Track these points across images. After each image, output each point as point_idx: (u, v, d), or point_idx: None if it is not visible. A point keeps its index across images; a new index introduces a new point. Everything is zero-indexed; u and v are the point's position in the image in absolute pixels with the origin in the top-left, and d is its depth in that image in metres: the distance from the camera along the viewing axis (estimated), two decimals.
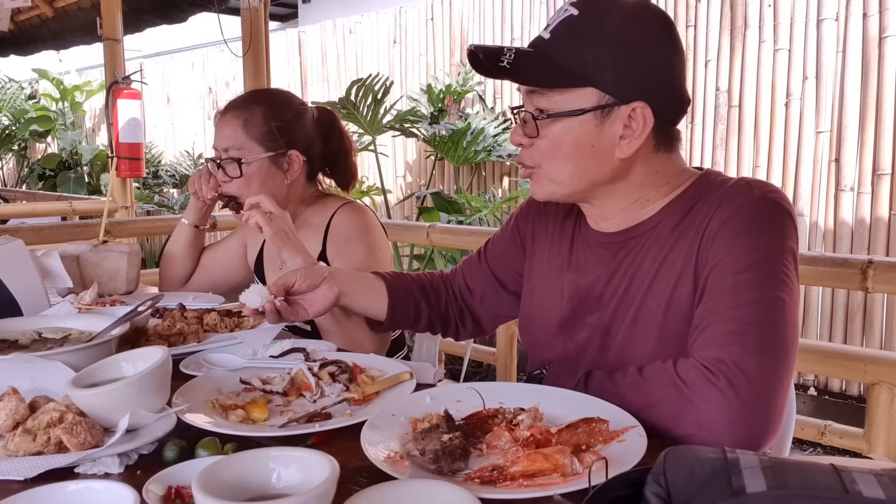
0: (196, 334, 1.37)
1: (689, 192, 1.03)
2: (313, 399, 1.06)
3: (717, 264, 0.95)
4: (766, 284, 0.92)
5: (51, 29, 5.36)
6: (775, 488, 0.57)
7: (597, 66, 0.97)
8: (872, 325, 3.52)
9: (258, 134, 1.59)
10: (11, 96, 9.16)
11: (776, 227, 0.96)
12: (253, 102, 1.64)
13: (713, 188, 1.01)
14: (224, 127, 1.61)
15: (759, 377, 0.87)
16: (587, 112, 0.98)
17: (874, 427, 1.92)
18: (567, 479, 0.75)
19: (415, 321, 1.33)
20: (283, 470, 0.70)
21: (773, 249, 0.94)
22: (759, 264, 0.93)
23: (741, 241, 0.94)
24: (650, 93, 0.98)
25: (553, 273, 1.16)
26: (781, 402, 0.89)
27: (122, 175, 3.95)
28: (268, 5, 3.64)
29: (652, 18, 1.01)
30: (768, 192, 0.99)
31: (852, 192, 3.58)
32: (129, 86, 3.93)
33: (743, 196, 0.98)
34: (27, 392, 0.96)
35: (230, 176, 1.60)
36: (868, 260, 1.93)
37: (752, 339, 0.89)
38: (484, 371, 3.82)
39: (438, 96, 5.25)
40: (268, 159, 1.60)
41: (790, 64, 3.74)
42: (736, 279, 0.93)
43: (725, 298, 0.93)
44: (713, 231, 0.97)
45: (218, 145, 1.62)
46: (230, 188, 1.61)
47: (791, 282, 0.94)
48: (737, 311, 0.91)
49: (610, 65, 0.97)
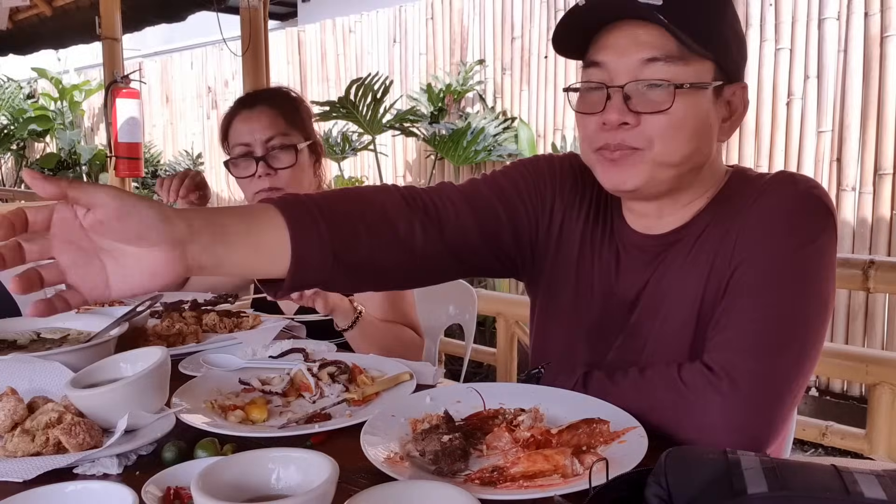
0: (195, 335, 1.36)
1: (725, 191, 0.99)
2: (313, 400, 1.05)
3: (744, 260, 0.90)
4: (793, 287, 0.88)
5: (49, 28, 5.36)
6: (777, 489, 0.56)
7: (720, 40, 0.91)
8: (874, 325, 3.52)
9: (299, 122, 1.60)
10: (10, 96, 9.17)
11: (815, 226, 0.90)
12: (278, 95, 1.64)
13: (748, 182, 0.97)
14: (260, 118, 1.56)
15: (764, 379, 0.85)
16: (709, 86, 0.91)
17: (876, 428, 1.92)
18: (567, 480, 0.75)
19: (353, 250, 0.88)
20: (283, 471, 0.70)
21: (806, 251, 0.89)
22: (790, 265, 0.88)
23: (775, 238, 0.89)
24: (741, 76, 0.95)
25: (583, 267, 1.05)
26: (787, 406, 0.87)
27: (121, 174, 3.95)
28: (267, 4, 3.65)
29: None
30: (812, 187, 0.92)
31: (854, 191, 3.58)
32: (127, 85, 3.94)
33: (785, 189, 0.92)
34: (25, 392, 0.96)
35: (280, 167, 1.54)
36: (870, 260, 1.93)
37: (765, 342, 0.86)
38: (484, 371, 3.81)
39: (438, 96, 5.24)
40: (308, 147, 1.60)
41: (792, 63, 3.73)
42: (762, 280, 0.89)
43: (747, 299, 0.89)
44: (748, 225, 0.91)
45: (255, 139, 1.54)
46: (277, 181, 1.54)
47: (821, 285, 0.89)
48: (755, 314, 0.88)
49: (727, 41, 0.92)
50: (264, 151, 1.55)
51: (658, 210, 0.99)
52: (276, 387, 1.08)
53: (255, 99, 1.61)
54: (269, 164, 1.54)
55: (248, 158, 1.55)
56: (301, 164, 1.57)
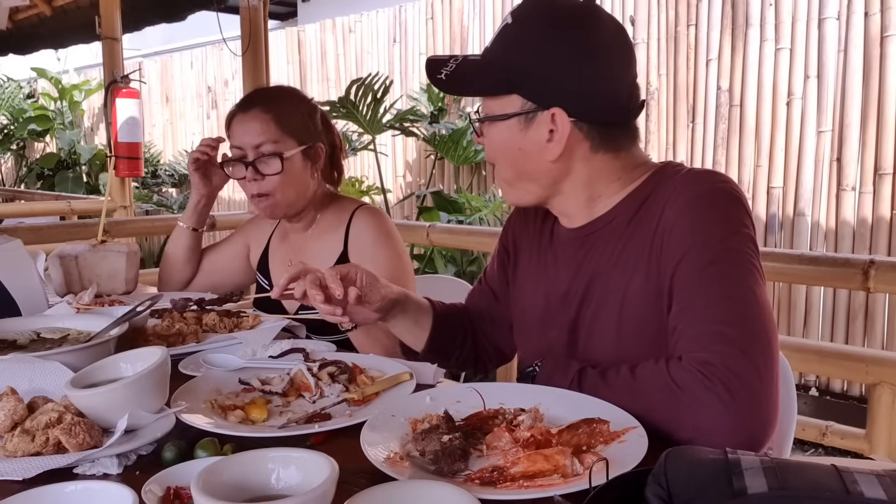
0: (195, 334, 1.36)
1: (644, 187, 1.05)
2: (313, 399, 1.05)
3: (679, 261, 0.95)
4: (734, 277, 0.93)
5: (49, 28, 5.36)
6: (777, 489, 0.56)
7: (519, 74, 1.02)
8: (874, 325, 3.52)
9: (291, 127, 1.56)
10: (10, 95, 9.17)
11: (731, 217, 0.97)
12: (277, 97, 1.61)
13: (666, 180, 1.03)
14: (251, 123, 1.55)
15: (752, 377, 0.87)
16: (511, 117, 1.03)
17: (876, 428, 1.92)
18: (567, 479, 0.75)
19: (447, 356, 1.27)
20: (283, 471, 0.70)
21: (733, 240, 0.95)
22: (722, 256, 0.94)
23: (700, 235, 0.95)
24: (571, 98, 1.01)
25: (532, 274, 1.18)
26: (775, 397, 0.89)
27: (121, 174, 3.95)
28: (267, 4, 3.65)
29: (581, 22, 1.02)
30: (718, 181, 1.00)
31: (854, 191, 3.58)
32: (127, 85, 3.94)
33: (693, 187, 0.99)
34: (25, 392, 0.96)
35: (267, 173, 1.53)
36: (870, 260, 1.93)
37: (735, 337, 0.89)
38: None
39: (438, 95, 5.24)
40: (301, 153, 1.57)
41: (792, 63, 3.73)
42: (703, 274, 0.94)
43: (698, 297, 0.93)
44: (667, 225, 0.98)
45: (245, 143, 1.54)
46: (265, 186, 1.55)
47: (756, 269, 0.95)
48: (714, 310, 0.91)
49: (529, 73, 1.01)
50: (255, 157, 1.54)
51: (561, 211, 1.12)
52: (276, 387, 1.08)
53: (252, 102, 1.59)
54: (257, 170, 1.54)
55: (239, 163, 1.56)
56: (290, 171, 1.54)
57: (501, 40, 1.04)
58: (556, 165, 1.04)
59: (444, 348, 1.27)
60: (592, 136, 1.04)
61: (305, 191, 1.59)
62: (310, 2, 9.07)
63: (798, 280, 3.08)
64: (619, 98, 1.04)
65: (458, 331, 1.29)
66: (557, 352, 1.10)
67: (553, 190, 1.08)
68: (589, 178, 1.06)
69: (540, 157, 1.04)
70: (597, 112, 1.03)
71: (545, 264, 1.16)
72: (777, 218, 3.80)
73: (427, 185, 5.35)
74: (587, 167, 1.05)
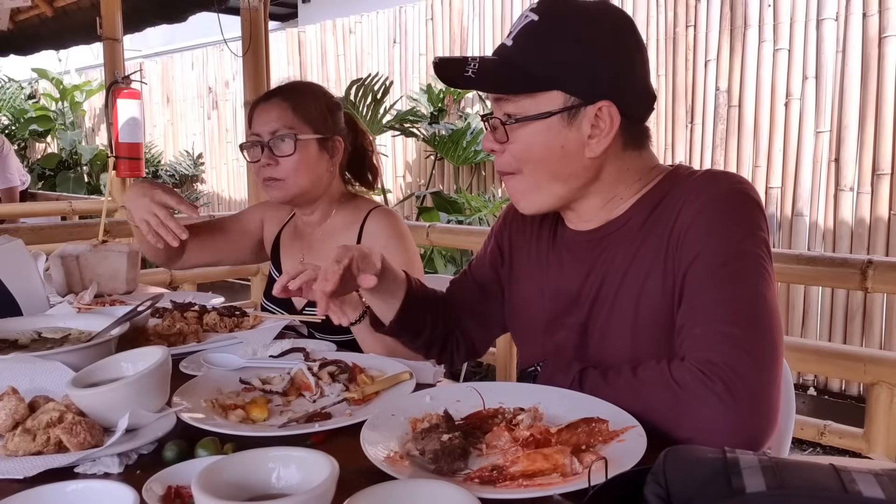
0: (196, 334, 1.37)
1: (659, 188, 1.04)
2: (313, 399, 1.06)
3: (693, 260, 0.95)
4: (746, 279, 0.93)
5: (50, 29, 5.36)
6: (775, 488, 0.57)
7: (560, 69, 0.99)
8: (872, 325, 3.52)
9: (308, 116, 1.58)
10: (11, 96, 9.17)
11: (748, 219, 0.97)
12: (298, 89, 1.63)
13: (681, 182, 1.02)
14: (270, 111, 1.57)
15: (754, 378, 0.87)
16: (554, 115, 1.00)
17: (874, 427, 1.93)
18: (567, 479, 0.75)
19: (416, 334, 1.23)
20: (283, 470, 0.70)
21: (748, 242, 0.95)
22: (736, 258, 0.94)
23: (715, 236, 0.95)
24: (614, 91, 1.00)
25: (534, 275, 1.17)
26: (776, 399, 0.89)
27: (122, 175, 3.95)
28: (268, 5, 3.65)
29: (610, 18, 1.03)
30: (735, 182, 1.00)
31: (852, 191, 3.58)
32: (128, 85, 3.94)
33: (710, 188, 0.99)
34: (27, 392, 0.96)
35: (280, 154, 1.55)
36: (868, 260, 1.93)
37: (740, 338, 0.89)
38: (484, 371, 3.82)
39: (438, 96, 5.25)
40: (317, 141, 1.58)
41: (790, 64, 3.74)
42: (715, 275, 0.94)
43: (708, 297, 0.93)
44: (684, 225, 0.97)
45: (262, 129, 1.57)
46: (279, 171, 1.55)
47: (768, 273, 0.95)
48: (722, 311, 0.91)
49: (573, 67, 0.99)
50: (270, 139, 1.57)
51: (579, 215, 1.09)
52: (277, 386, 1.09)
53: (274, 92, 1.63)
54: (272, 153, 1.56)
55: (256, 146, 1.58)
56: (305, 156, 1.56)
57: (531, 37, 1.00)
58: (591, 164, 1.02)
59: (414, 324, 1.21)
60: (626, 133, 1.03)
61: (318, 182, 1.59)
62: (310, 3, 9.07)
63: (796, 280, 3.08)
64: (650, 91, 1.05)
65: (429, 311, 1.24)
66: (566, 353, 1.09)
67: (580, 192, 1.06)
68: (617, 177, 1.05)
69: (580, 155, 1.01)
70: (634, 105, 1.03)
71: (546, 266, 1.15)
72: (775, 218, 3.81)
73: (427, 186, 5.36)
74: (617, 166, 1.04)
